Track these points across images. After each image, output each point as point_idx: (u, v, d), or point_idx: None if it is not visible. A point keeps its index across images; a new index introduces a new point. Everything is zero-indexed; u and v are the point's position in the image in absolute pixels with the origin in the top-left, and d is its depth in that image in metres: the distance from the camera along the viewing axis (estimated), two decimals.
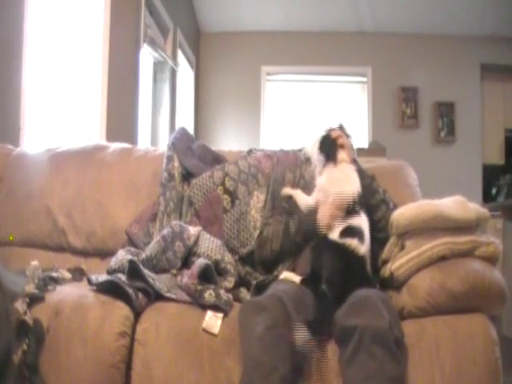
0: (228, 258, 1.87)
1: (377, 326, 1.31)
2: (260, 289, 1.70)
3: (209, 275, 1.71)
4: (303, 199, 1.86)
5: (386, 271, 1.61)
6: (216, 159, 2.28)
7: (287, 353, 1.35)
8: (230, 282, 1.76)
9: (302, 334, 1.40)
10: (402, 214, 1.60)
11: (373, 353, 1.29)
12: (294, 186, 2.12)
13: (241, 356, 1.41)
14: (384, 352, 1.29)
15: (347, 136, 2.12)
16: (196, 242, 1.89)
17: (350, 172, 1.79)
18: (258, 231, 2.03)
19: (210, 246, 1.88)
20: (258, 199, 2.11)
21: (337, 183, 1.75)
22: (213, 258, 1.83)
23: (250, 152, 2.31)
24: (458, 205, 1.58)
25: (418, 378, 1.38)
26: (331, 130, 1.99)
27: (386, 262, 1.65)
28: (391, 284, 1.60)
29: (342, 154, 1.84)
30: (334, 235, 1.63)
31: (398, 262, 1.57)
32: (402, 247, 1.62)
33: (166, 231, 1.90)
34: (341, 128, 2.13)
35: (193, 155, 2.29)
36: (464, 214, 1.56)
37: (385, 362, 1.28)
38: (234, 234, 2.04)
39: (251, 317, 1.41)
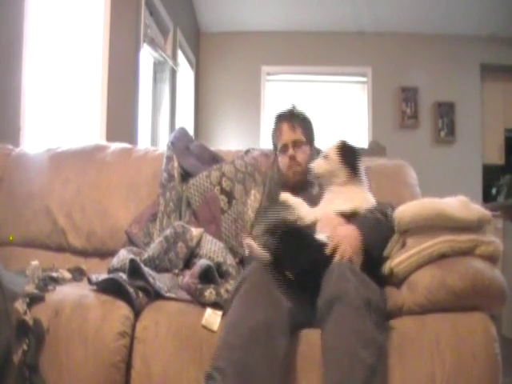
0: (230, 260, 1.87)
1: (341, 292, 1.35)
2: None
3: (210, 276, 1.71)
4: (305, 212, 1.78)
5: (386, 267, 1.61)
6: (213, 158, 2.28)
7: (265, 304, 1.38)
8: (231, 285, 1.75)
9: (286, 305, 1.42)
10: (405, 211, 1.61)
11: (342, 313, 1.33)
12: None
13: None
14: (352, 313, 1.32)
15: (304, 124, 2.09)
16: (198, 244, 1.89)
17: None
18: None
19: (213, 249, 1.87)
20: (255, 198, 2.11)
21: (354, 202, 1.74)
22: (215, 260, 1.82)
23: (247, 152, 2.31)
24: (461, 205, 1.58)
25: (418, 372, 1.38)
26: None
27: (387, 258, 1.65)
28: (391, 280, 1.60)
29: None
30: (322, 236, 1.63)
31: (398, 259, 1.57)
32: (403, 244, 1.62)
33: (168, 232, 1.90)
34: (290, 111, 2.08)
35: (190, 155, 2.29)
36: (467, 214, 1.56)
37: (354, 322, 1.32)
38: (232, 234, 2.04)
39: (236, 289, 1.47)
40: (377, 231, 1.64)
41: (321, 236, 1.64)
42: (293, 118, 2.06)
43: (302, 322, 1.47)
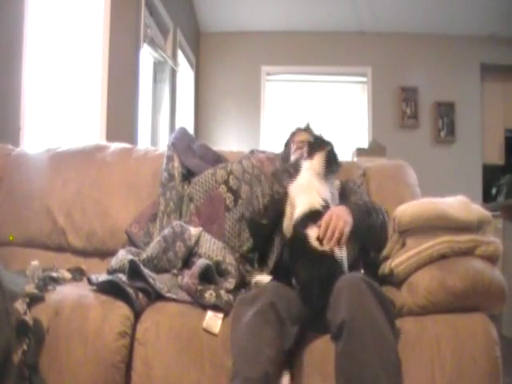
0: (229, 259, 1.86)
1: (358, 311, 1.33)
2: None
3: (209, 276, 1.71)
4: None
5: (386, 268, 1.61)
6: (217, 159, 2.28)
7: (274, 337, 1.35)
8: (230, 284, 1.75)
9: (292, 330, 1.41)
10: (405, 211, 1.61)
11: (363, 335, 1.31)
12: None
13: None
14: (374, 335, 1.31)
15: (314, 137, 2.16)
16: (197, 243, 1.89)
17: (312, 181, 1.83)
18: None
19: (212, 247, 1.87)
20: None
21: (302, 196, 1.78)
22: (214, 258, 1.82)
23: (252, 153, 2.31)
24: (461, 205, 1.58)
25: (418, 375, 1.38)
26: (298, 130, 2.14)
27: (387, 258, 1.65)
28: (391, 281, 1.60)
29: (308, 163, 1.86)
30: (314, 243, 1.63)
31: (397, 259, 1.57)
32: (403, 244, 1.62)
33: (166, 231, 1.90)
34: (307, 128, 2.18)
35: (194, 155, 2.29)
36: (467, 215, 1.56)
37: (377, 345, 1.30)
38: (235, 232, 2.04)
39: (242, 308, 1.43)
40: (363, 210, 1.75)
41: (312, 233, 1.64)
42: (308, 130, 2.22)
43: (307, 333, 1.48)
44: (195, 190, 2.13)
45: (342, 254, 1.59)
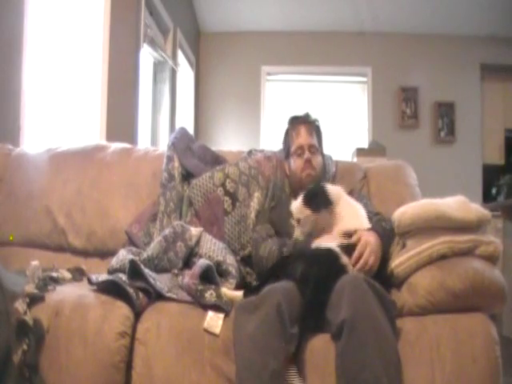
0: (230, 260, 1.86)
1: (360, 311, 1.32)
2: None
3: (210, 276, 1.71)
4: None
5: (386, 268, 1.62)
6: (216, 159, 2.28)
7: (279, 348, 1.34)
8: (231, 284, 1.75)
9: (294, 332, 1.40)
10: (405, 213, 1.60)
11: (365, 335, 1.30)
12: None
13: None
14: (376, 335, 1.31)
15: (318, 131, 2.07)
16: (198, 243, 1.89)
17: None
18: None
19: (212, 248, 1.87)
20: (258, 200, 2.11)
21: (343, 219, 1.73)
22: (215, 259, 1.82)
23: (249, 153, 2.31)
24: (460, 205, 1.58)
25: (418, 375, 1.38)
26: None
27: (387, 259, 1.65)
28: (391, 281, 1.60)
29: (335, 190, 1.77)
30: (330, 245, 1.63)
31: (398, 260, 1.57)
32: (403, 246, 1.62)
33: (167, 231, 1.90)
34: (306, 117, 2.08)
35: (193, 155, 2.29)
36: (466, 215, 1.56)
37: (378, 344, 1.30)
38: (234, 236, 2.04)
39: (244, 316, 1.42)
40: (388, 241, 1.69)
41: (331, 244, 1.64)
42: (310, 124, 2.08)
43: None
44: (193, 194, 2.13)
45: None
